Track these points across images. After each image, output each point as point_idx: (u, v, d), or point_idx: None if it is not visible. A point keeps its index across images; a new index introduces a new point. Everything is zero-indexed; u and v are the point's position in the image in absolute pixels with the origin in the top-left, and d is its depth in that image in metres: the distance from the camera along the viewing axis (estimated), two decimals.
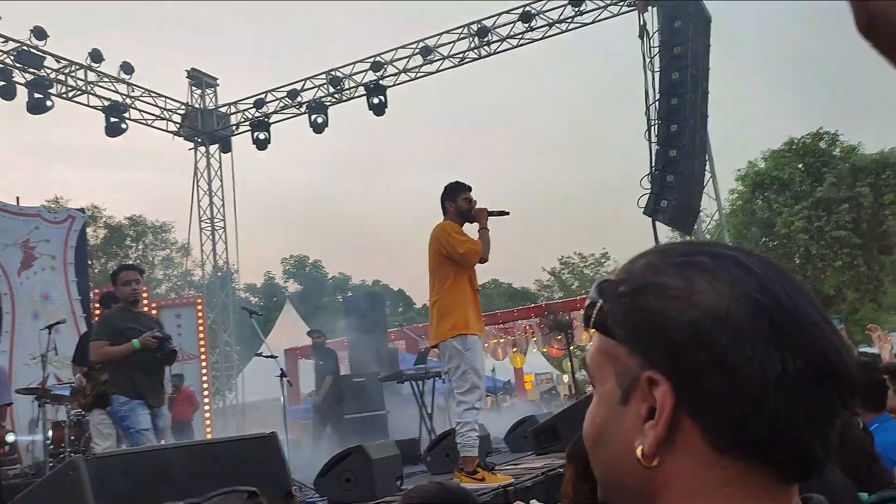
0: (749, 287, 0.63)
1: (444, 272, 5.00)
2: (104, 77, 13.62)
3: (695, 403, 0.62)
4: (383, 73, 14.12)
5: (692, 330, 0.62)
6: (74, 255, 12.39)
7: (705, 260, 0.65)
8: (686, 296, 0.63)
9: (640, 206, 11.15)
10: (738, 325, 0.61)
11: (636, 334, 0.65)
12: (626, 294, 0.67)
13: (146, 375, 5.67)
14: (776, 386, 0.60)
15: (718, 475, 0.63)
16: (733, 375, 0.61)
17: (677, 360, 0.62)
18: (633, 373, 0.65)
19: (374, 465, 5.11)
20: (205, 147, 16.10)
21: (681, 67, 11.02)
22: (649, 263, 0.68)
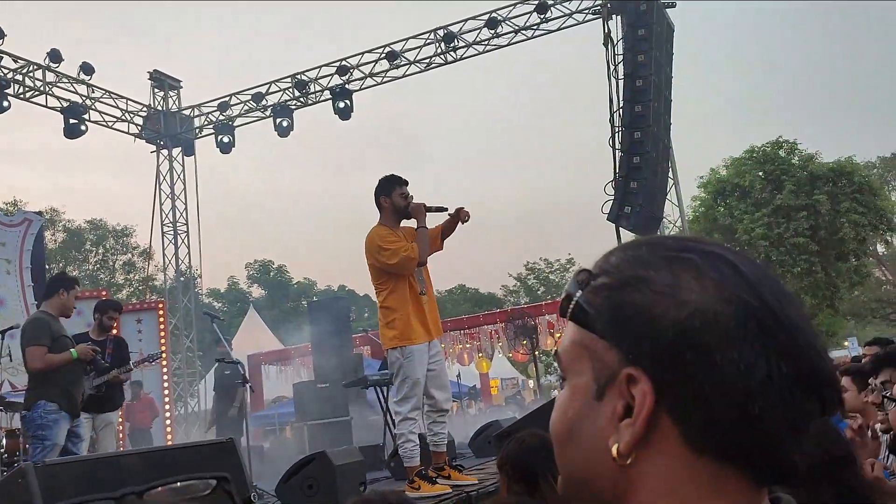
0: (738, 288, 0.62)
1: (382, 281, 4.79)
2: (63, 77, 13.36)
3: (676, 403, 0.61)
4: (349, 77, 14.07)
5: (679, 329, 0.60)
6: (31, 260, 12.10)
7: (694, 257, 0.64)
8: (674, 293, 0.62)
9: (604, 212, 11.26)
10: (726, 326, 0.60)
11: (618, 329, 0.63)
12: (610, 287, 0.65)
13: (76, 388, 5.72)
14: (761, 390, 0.59)
15: (693, 475, 0.62)
16: (719, 378, 0.59)
17: (661, 358, 0.61)
18: (612, 368, 0.63)
19: (337, 471, 5.07)
20: (167, 150, 15.87)
21: (644, 75, 11.16)
22: (636, 256, 0.66)
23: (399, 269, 4.66)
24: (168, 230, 15.90)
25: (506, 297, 44.73)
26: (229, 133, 15.12)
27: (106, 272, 35.81)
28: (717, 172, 25.82)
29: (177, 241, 15.90)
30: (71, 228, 34.70)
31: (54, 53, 12.87)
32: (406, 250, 4.64)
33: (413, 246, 4.69)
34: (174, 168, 15.96)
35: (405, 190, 4.81)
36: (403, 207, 4.77)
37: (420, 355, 4.75)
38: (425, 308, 4.82)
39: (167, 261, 16.17)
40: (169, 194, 15.90)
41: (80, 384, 5.88)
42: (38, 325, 5.78)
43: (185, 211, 15.95)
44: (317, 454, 5.29)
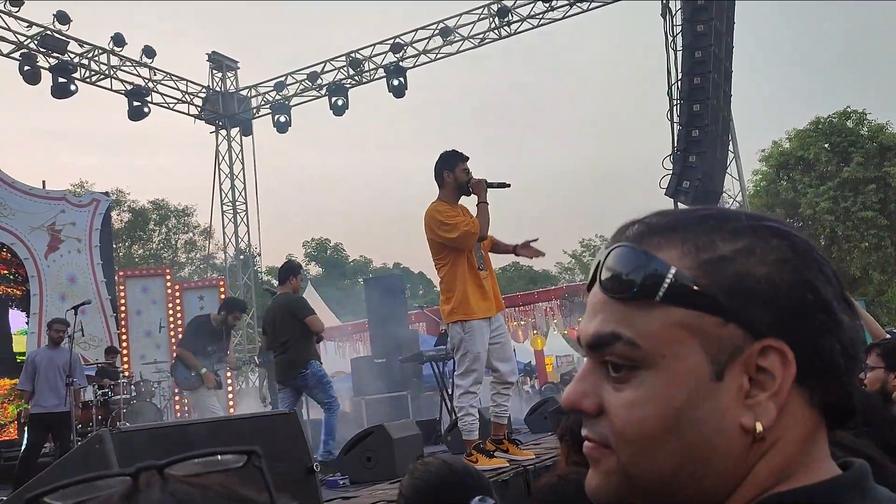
0: (811, 249, 0.65)
1: (441, 256, 4.80)
2: (127, 61, 13.71)
3: (808, 364, 0.61)
4: (403, 54, 14.07)
5: (794, 293, 0.61)
6: (99, 238, 12.55)
7: (776, 225, 0.65)
8: (782, 259, 0.62)
9: (661, 187, 11.08)
10: (823, 288, 0.62)
11: (741, 302, 0.61)
12: (716, 261, 0.62)
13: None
14: (856, 337, 0.63)
15: (808, 430, 0.63)
16: (839, 329, 0.62)
17: (794, 323, 0.61)
18: (734, 343, 0.61)
19: (395, 444, 5.16)
20: (226, 130, 16.19)
21: (704, 46, 10.87)
22: (730, 228, 0.64)
23: (459, 243, 4.65)
24: (227, 209, 16.26)
25: (560, 274, 44.49)
26: (286, 112, 15.33)
27: (169, 251, 36.87)
28: (780, 145, 25.07)
29: (236, 220, 16.26)
30: (135, 209, 35.78)
31: (118, 38, 13.21)
32: (467, 225, 4.64)
33: (474, 220, 4.68)
34: (233, 148, 16.28)
35: (467, 166, 4.78)
36: (465, 183, 4.73)
37: (480, 330, 4.76)
38: (485, 284, 4.81)
39: (227, 239, 16.57)
40: (228, 174, 16.24)
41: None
42: (300, 301, 6.95)
43: (244, 190, 16.28)
44: (375, 427, 5.39)
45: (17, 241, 11.42)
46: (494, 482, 4.12)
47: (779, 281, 0.61)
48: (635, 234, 0.66)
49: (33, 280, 11.48)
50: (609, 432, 0.64)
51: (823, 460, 0.64)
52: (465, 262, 4.74)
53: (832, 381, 0.62)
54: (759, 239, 0.63)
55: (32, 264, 11.52)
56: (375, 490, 4.48)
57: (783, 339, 0.60)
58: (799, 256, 0.63)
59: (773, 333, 0.60)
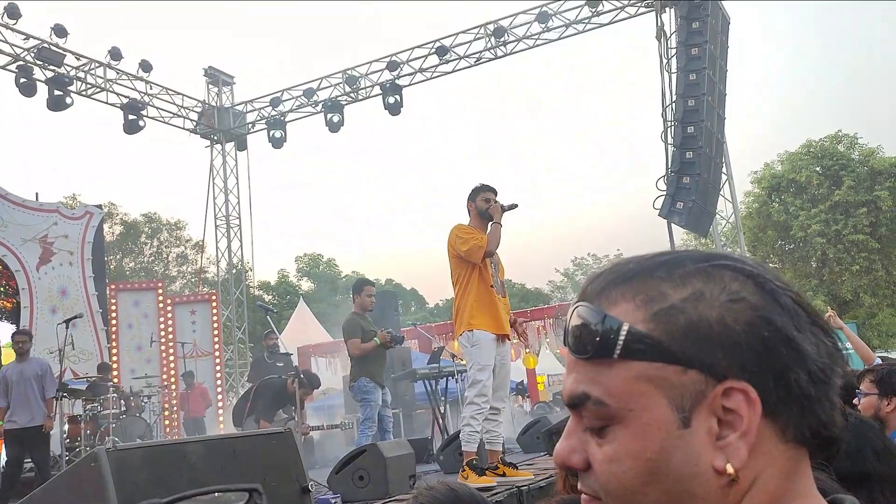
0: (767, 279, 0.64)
1: (458, 273, 5.18)
2: (123, 75, 13.73)
3: (772, 400, 0.61)
4: (399, 72, 14.14)
5: (749, 330, 0.61)
6: (92, 251, 12.50)
7: (727, 262, 0.65)
8: (732, 299, 0.62)
9: (655, 207, 11.12)
10: (780, 319, 0.62)
11: (697, 348, 0.62)
12: (668, 310, 0.63)
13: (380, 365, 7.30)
14: (826, 365, 0.62)
15: (787, 466, 0.63)
16: (803, 360, 0.62)
17: (753, 360, 0.61)
18: (696, 389, 0.61)
19: (388, 463, 5.13)
20: (221, 145, 16.20)
21: (698, 69, 10.98)
22: (672, 275, 0.65)
23: (469, 255, 5.06)
24: (220, 223, 16.24)
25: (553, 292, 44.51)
26: (281, 128, 15.36)
27: (160, 264, 36.74)
28: (772, 168, 25.25)
29: (229, 235, 16.24)
30: (127, 221, 35.67)
31: (115, 51, 13.24)
32: (476, 239, 5.09)
33: (485, 237, 5.12)
34: (227, 162, 16.29)
35: (489, 196, 5.29)
36: (485, 210, 5.24)
37: (486, 342, 4.98)
38: (497, 303, 5.12)
39: (220, 253, 16.53)
40: (222, 188, 16.24)
41: (385, 363, 7.45)
42: (350, 324, 7.37)
43: (238, 205, 16.29)
44: (368, 446, 5.36)
45: (9, 253, 11.36)
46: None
47: (732, 321, 0.61)
48: (594, 290, 0.67)
49: (24, 292, 11.41)
50: (597, 486, 0.66)
51: (808, 495, 0.64)
52: (478, 277, 5.11)
53: (804, 412, 0.62)
54: (709, 281, 0.64)
55: (23, 276, 11.45)
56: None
57: (744, 378, 0.61)
58: (752, 292, 0.63)
59: (734, 374, 0.61)
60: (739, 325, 0.61)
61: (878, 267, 22.64)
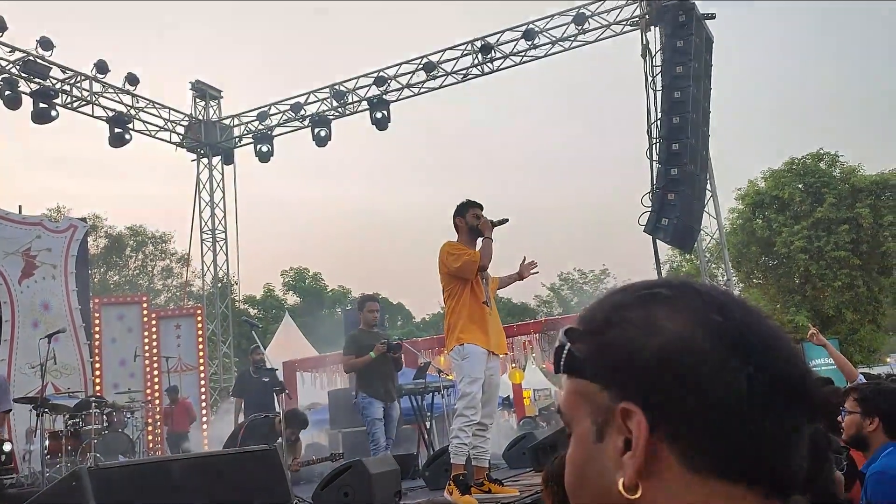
0: (708, 312, 0.65)
1: (449, 288, 5.20)
2: (109, 88, 13.69)
3: (669, 428, 0.63)
4: (386, 87, 14.19)
5: (658, 356, 0.64)
6: (75, 265, 12.40)
7: (664, 291, 0.68)
8: (649, 325, 0.66)
9: (640, 223, 11.19)
10: (702, 346, 0.63)
11: (606, 369, 0.67)
12: (593, 332, 0.69)
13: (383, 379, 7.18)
14: (744, 403, 0.62)
15: (698, 496, 0.63)
16: (702, 395, 0.62)
17: (648, 387, 0.64)
18: (607, 407, 0.66)
19: (373, 479, 5.10)
20: (207, 159, 16.16)
21: (682, 87, 11.09)
22: (612, 301, 0.71)
23: (462, 271, 5.08)
24: (206, 237, 16.17)
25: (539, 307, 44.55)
26: (268, 142, 15.35)
27: (145, 277, 36.48)
28: (756, 184, 25.47)
29: (215, 248, 16.16)
30: (112, 234, 35.44)
31: (101, 65, 13.21)
32: (469, 255, 5.11)
33: (477, 253, 5.15)
34: (213, 176, 16.25)
35: (478, 212, 5.30)
36: (475, 226, 5.26)
37: (477, 355, 4.99)
38: (488, 319, 5.14)
39: (205, 267, 16.46)
40: (208, 202, 16.18)
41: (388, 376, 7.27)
42: (347, 340, 7.48)
43: (224, 218, 16.22)
44: (353, 462, 5.34)
45: None
46: None
47: (642, 348, 0.65)
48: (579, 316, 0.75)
49: (5, 306, 11.29)
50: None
51: None
52: (469, 293, 5.12)
53: (719, 444, 0.62)
54: (637, 308, 0.68)
55: (5, 290, 11.33)
56: None
57: (640, 402, 0.64)
58: (678, 323, 0.65)
59: (632, 397, 0.64)
60: (645, 350, 0.65)
61: (860, 283, 22.85)
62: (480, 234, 5.25)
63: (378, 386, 7.18)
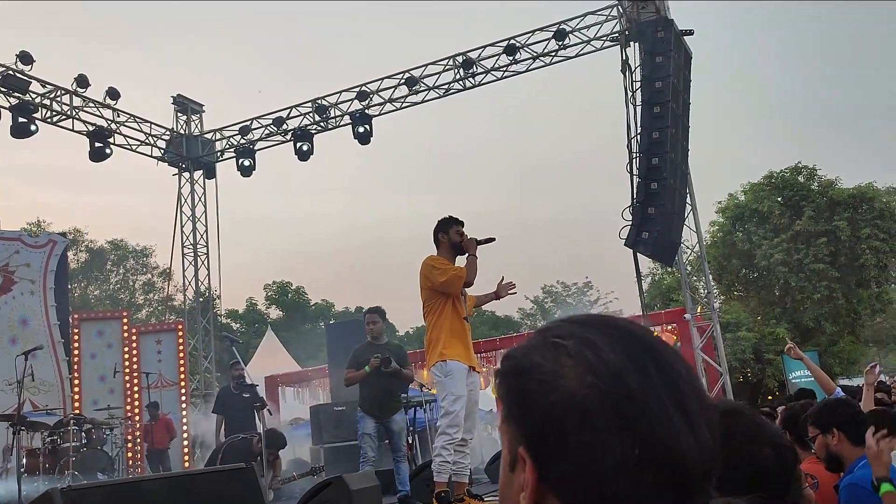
0: (602, 375, 0.66)
1: (431, 303, 5.18)
2: (90, 102, 13.62)
3: (552, 482, 0.66)
4: (369, 102, 14.22)
5: (550, 414, 0.66)
6: (54, 280, 12.29)
7: (571, 344, 0.69)
8: (551, 379, 0.68)
9: (621, 237, 11.27)
10: (585, 412, 0.65)
11: (512, 412, 0.70)
12: (507, 373, 0.72)
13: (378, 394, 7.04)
14: (615, 472, 0.63)
15: None
16: (576, 459, 0.65)
17: (538, 440, 0.67)
18: (514, 445, 0.70)
19: (354, 496, 5.08)
20: (189, 173, 16.09)
21: (662, 102, 11.21)
22: (531, 343, 0.73)
23: (447, 286, 5.07)
24: (188, 251, 16.08)
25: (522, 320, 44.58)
26: (250, 156, 15.31)
27: (126, 292, 36.17)
28: (736, 198, 25.72)
29: (196, 263, 16.07)
30: (93, 249, 35.14)
31: (81, 79, 13.14)
32: (455, 270, 5.12)
33: (462, 268, 5.15)
34: (195, 191, 16.17)
35: (460, 229, 5.29)
36: (458, 243, 5.23)
37: (459, 371, 4.99)
38: (468, 334, 5.18)
39: (187, 282, 16.34)
40: (190, 216, 16.10)
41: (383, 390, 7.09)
42: (351, 353, 7.41)
43: (206, 233, 16.15)
44: (334, 479, 5.31)
45: None
46: None
47: (536, 399, 0.68)
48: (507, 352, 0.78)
49: None
50: None
51: None
52: (451, 309, 5.11)
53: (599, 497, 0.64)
54: (542, 355, 0.70)
55: None
56: None
57: (529, 450, 0.68)
58: (570, 376, 0.67)
59: (524, 443, 0.68)
60: (540, 404, 0.67)
61: (839, 295, 23.08)
62: (461, 250, 5.24)
63: (372, 401, 7.12)
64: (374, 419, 7.04)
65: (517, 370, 0.71)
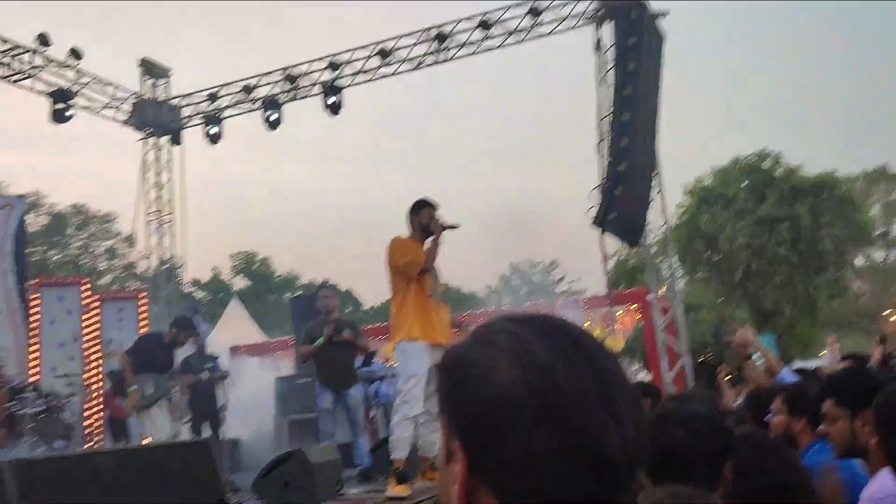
0: (531, 369, 0.68)
1: (395, 283, 5.24)
2: (51, 62, 13.24)
3: (483, 474, 0.68)
4: (340, 72, 14.04)
5: (481, 410, 0.68)
6: (12, 244, 12.02)
7: (503, 340, 0.70)
8: (484, 374, 0.69)
9: (589, 217, 11.32)
10: (514, 404, 0.66)
11: (446, 405, 0.72)
12: (444, 368, 0.73)
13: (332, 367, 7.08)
14: (542, 463, 0.65)
15: None
16: (505, 451, 0.66)
17: (470, 435, 0.69)
18: (449, 438, 0.72)
19: (315, 469, 5.10)
20: (154, 138, 15.79)
21: (634, 83, 11.22)
22: (469, 340, 0.74)
23: (405, 268, 5.15)
24: (152, 219, 15.82)
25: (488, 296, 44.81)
26: (217, 124, 15.06)
27: (88, 258, 35.54)
28: (703, 181, 25.98)
29: (161, 230, 15.83)
30: (54, 212, 34.39)
31: (43, 37, 12.76)
32: (416, 255, 5.19)
33: (423, 255, 5.23)
34: (161, 157, 15.88)
35: (432, 212, 5.36)
36: (427, 225, 5.33)
37: (417, 352, 5.02)
38: (433, 313, 5.18)
39: (150, 249, 16.10)
40: (154, 182, 15.82)
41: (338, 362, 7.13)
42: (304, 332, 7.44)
43: (171, 200, 15.89)
44: (294, 451, 5.32)
45: None
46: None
47: (469, 393, 0.69)
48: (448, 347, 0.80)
49: None
50: None
51: None
52: (415, 289, 5.17)
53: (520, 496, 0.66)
54: (478, 351, 0.71)
55: None
56: None
57: (462, 444, 0.69)
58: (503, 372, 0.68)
59: (457, 437, 0.70)
60: (473, 398, 0.69)
61: (798, 280, 23.54)
62: (430, 233, 5.33)
63: (328, 373, 7.16)
64: (331, 393, 7.07)
65: (453, 365, 0.72)
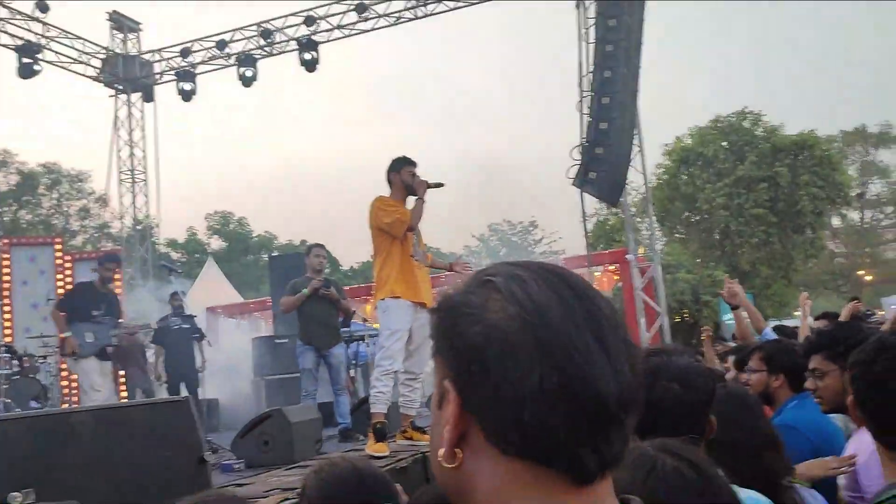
0: (526, 307, 0.68)
1: (379, 243, 5.19)
2: (17, 14, 12.81)
3: (475, 410, 0.69)
4: (316, 28, 13.74)
5: (472, 344, 0.69)
6: None
7: (499, 280, 0.72)
8: (477, 313, 0.70)
9: (569, 177, 11.28)
10: (506, 340, 0.67)
11: (440, 345, 0.73)
12: (439, 310, 0.74)
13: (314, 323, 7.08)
14: (533, 398, 0.66)
15: (510, 475, 0.68)
16: (497, 386, 0.67)
17: (461, 370, 0.69)
18: (441, 379, 0.72)
19: (294, 428, 5.08)
20: (126, 95, 15.42)
21: (615, 41, 11.09)
22: (466, 282, 0.75)
23: (391, 228, 5.08)
24: (125, 177, 15.54)
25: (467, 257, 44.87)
26: (191, 80, 14.72)
27: (60, 218, 34.98)
28: (682, 141, 26.03)
29: (134, 189, 15.57)
30: (24, 171, 33.70)
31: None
32: (400, 213, 5.11)
33: (408, 212, 5.15)
34: (133, 114, 15.54)
35: (413, 170, 5.28)
36: (410, 184, 5.23)
37: (398, 307, 5.00)
38: (417, 273, 5.15)
39: (124, 209, 15.85)
40: (127, 140, 15.50)
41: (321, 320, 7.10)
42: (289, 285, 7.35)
43: (144, 158, 15.59)
44: (273, 411, 5.29)
45: None
46: (392, 468, 4.12)
47: (461, 331, 0.70)
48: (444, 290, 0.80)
49: None
50: None
51: None
52: (399, 249, 5.13)
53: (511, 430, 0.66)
54: (473, 293, 0.72)
55: None
56: (270, 476, 4.38)
57: (453, 377, 0.70)
58: (496, 310, 0.69)
59: (450, 376, 0.71)
60: (464, 336, 0.69)
61: (775, 240, 23.81)
62: (413, 192, 5.23)
63: (311, 331, 7.10)
64: (313, 352, 7.02)
65: (448, 305, 0.73)
